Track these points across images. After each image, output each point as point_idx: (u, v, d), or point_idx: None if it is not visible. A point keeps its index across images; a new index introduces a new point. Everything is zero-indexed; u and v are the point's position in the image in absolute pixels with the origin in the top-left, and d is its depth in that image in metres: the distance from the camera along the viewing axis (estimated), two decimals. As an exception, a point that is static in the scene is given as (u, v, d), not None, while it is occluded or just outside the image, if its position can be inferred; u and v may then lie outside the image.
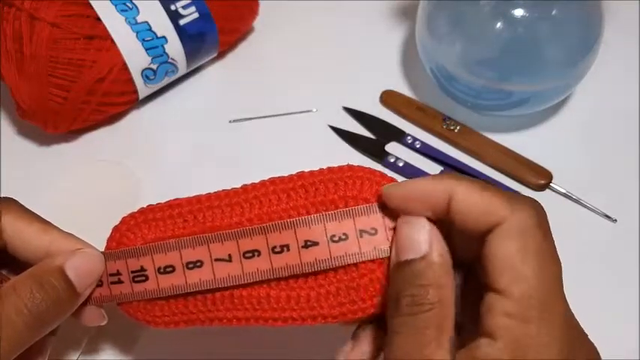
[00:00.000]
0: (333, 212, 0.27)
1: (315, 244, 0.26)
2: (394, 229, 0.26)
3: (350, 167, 0.28)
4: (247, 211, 0.28)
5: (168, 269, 0.28)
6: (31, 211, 0.31)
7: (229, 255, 0.27)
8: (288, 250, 0.27)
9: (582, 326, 0.25)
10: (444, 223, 0.25)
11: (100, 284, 0.30)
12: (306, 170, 0.29)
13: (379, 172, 0.28)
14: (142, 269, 0.28)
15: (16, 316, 0.26)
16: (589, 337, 0.25)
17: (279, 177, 0.29)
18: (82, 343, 0.36)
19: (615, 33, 0.46)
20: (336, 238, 0.26)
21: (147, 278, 0.28)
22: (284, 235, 0.27)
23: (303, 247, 0.26)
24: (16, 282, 0.27)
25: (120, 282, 0.29)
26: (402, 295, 0.23)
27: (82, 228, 0.32)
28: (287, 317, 0.28)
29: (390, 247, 0.26)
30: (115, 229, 0.30)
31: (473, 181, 0.25)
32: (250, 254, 0.27)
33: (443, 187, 0.25)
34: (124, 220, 0.30)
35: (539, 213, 0.24)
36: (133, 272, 0.29)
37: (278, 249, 0.27)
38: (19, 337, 0.26)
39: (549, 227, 0.24)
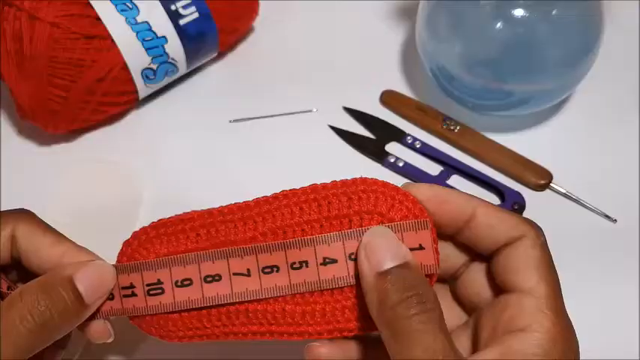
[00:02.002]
0: (351, 231, 0.26)
1: (334, 261, 0.26)
2: (412, 250, 0.26)
3: (363, 180, 0.28)
4: (260, 225, 0.28)
5: (186, 282, 0.28)
6: (45, 222, 0.31)
7: (248, 269, 0.27)
8: (307, 266, 0.27)
9: (583, 326, 0.26)
10: None
11: (111, 297, 0.29)
12: (319, 183, 0.28)
13: (393, 185, 0.28)
14: (159, 282, 0.28)
15: (19, 323, 0.26)
16: (590, 336, 0.27)
17: (291, 190, 0.29)
18: (80, 343, 0.36)
19: (615, 33, 0.46)
20: (354, 256, 0.26)
21: (163, 291, 0.28)
22: (303, 251, 0.27)
23: (321, 264, 0.26)
24: (24, 290, 0.27)
25: (133, 295, 0.29)
26: (407, 296, 0.24)
27: (82, 228, 0.32)
28: (303, 332, 0.27)
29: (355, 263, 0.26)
30: (126, 243, 0.30)
31: (488, 202, 0.28)
32: (269, 269, 0.27)
33: (471, 203, 0.28)
34: (135, 235, 0.30)
35: (543, 233, 0.28)
36: (148, 285, 0.28)
37: (297, 265, 0.27)
38: (23, 343, 0.26)
39: None
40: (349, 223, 0.27)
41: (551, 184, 0.44)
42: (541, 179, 0.44)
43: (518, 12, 0.40)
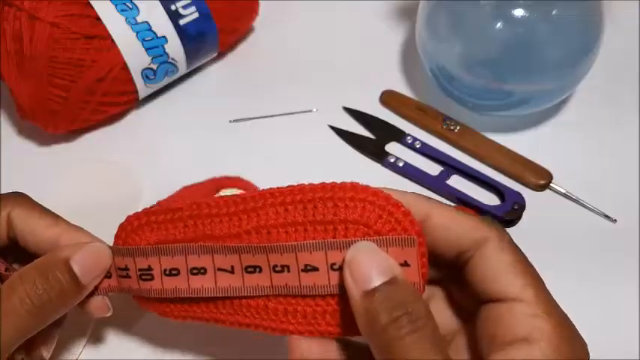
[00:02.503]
0: (334, 241, 0.25)
1: (315, 269, 0.26)
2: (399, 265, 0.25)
3: (353, 187, 0.26)
4: (245, 223, 0.28)
5: (174, 272, 0.28)
6: (41, 205, 0.32)
7: (232, 266, 0.27)
8: (289, 270, 0.26)
9: (583, 326, 0.25)
10: None
11: (108, 275, 0.30)
12: (307, 183, 0.27)
13: (383, 194, 0.26)
14: (149, 268, 0.29)
15: (19, 305, 0.26)
16: (590, 336, 0.26)
17: (278, 189, 0.28)
18: (87, 330, 0.37)
19: (615, 33, 0.46)
20: (336, 267, 0.25)
21: (153, 278, 0.29)
22: (285, 257, 0.26)
23: (303, 270, 0.26)
24: (22, 272, 0.28)
25: (128, 277, 0.30)
26: (396, 316, 0.23)
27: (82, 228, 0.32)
28: (285, 329, 0.27)
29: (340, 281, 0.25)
30: (121, 227, 0.31)
31: (444, 204, 0.27)
32: (252, 269, 0.27)
33: (427, 204, 0.26)
34: (129, 220, 0.31)
35: (507, 232, 0.26)
36: (140, 270, 0.29)
37: (279, 268, 0.26)
38: (22, 325, 0.27)
39: None
40: (334, 230, 0.26)
41: (551, 184, 0.44)
42: (541, 179, 0.44)
43: (518, 12, 0.40)
